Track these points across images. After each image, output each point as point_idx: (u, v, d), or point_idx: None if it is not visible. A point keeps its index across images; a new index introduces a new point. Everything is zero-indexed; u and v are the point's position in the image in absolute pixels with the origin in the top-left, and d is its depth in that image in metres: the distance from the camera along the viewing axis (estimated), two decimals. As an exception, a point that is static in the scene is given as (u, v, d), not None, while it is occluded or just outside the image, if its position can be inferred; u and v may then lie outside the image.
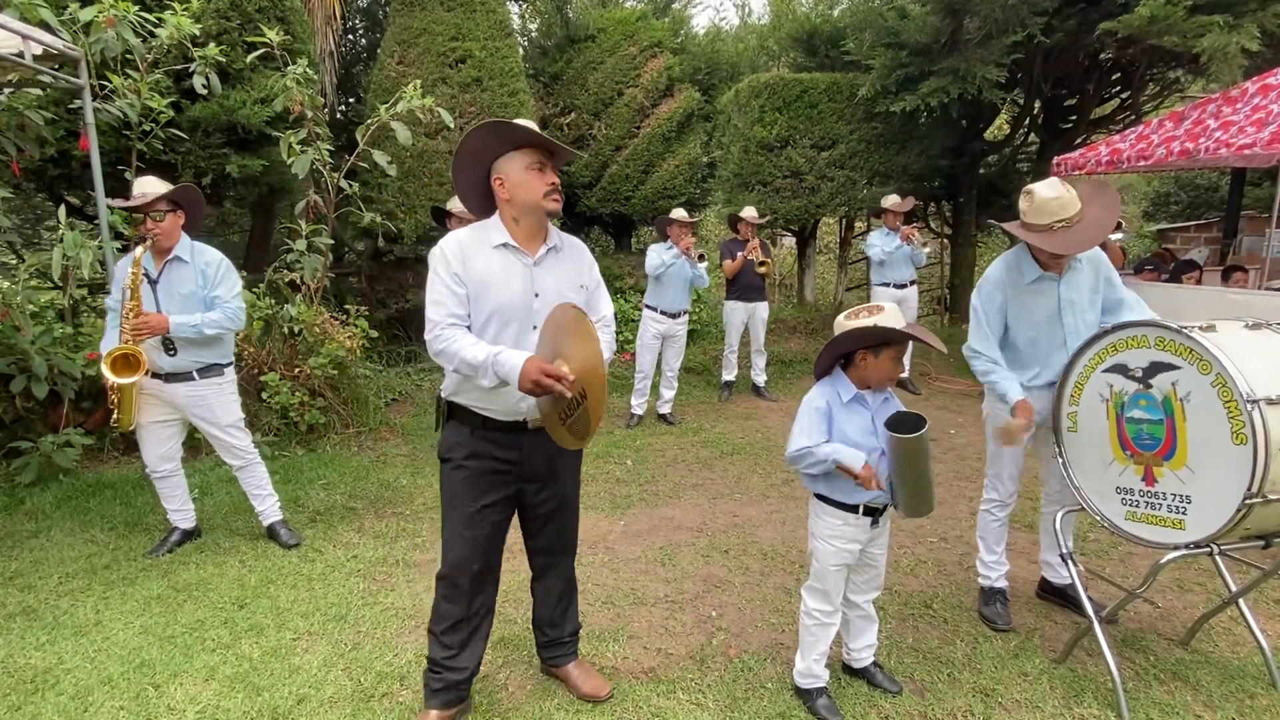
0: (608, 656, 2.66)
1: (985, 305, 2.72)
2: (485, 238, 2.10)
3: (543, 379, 1.84)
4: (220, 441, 3.54)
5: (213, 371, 3.43)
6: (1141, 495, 2.38)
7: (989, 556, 2.91)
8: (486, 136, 2.04)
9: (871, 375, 2.18)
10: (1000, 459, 2.86)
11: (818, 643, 2.33)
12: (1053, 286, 2.65)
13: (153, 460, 3.49)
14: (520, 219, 2.11)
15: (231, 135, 5.11)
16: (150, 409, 3.41)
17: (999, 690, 2.45)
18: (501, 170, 2.07)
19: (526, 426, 2.15)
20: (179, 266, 3.33)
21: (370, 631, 2.84)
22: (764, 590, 3.17)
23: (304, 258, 4.80)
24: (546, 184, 2.07)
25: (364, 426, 5.54)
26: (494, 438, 2.15)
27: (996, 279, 2.70)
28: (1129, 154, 6.19)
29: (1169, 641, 2.75)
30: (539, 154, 2.08)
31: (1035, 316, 2.67)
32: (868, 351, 2.17)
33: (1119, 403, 2.45)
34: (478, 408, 2.13)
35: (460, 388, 2.13)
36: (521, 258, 2.10)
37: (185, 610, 3.00)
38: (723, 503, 4.22)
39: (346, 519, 3.96)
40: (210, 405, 3.43)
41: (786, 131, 7.46)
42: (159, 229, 3.23)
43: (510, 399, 2.09)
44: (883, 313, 2.14)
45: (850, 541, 2.23)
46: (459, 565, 2.18)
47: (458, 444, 2.17)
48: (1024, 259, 2.68)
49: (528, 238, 2.12)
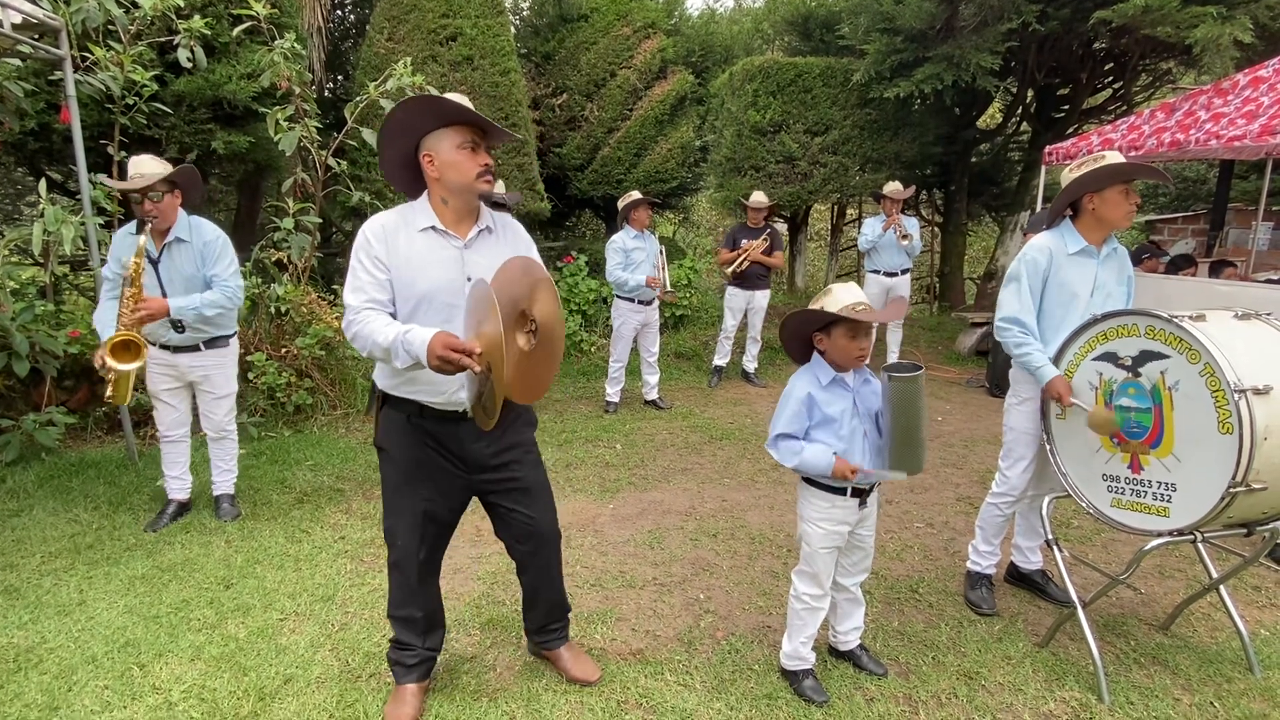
0: (596, 638, 2.67)
1: (1030, 270, 2.65)
2: (410, 220, 1.99)
3: (449, 354, 1.73)
4: (211, 411, 3.57)
5: (219, 343, 3.49)
6: (1128, 483, 2.40)
7: (984, 547, 2.93)
8: (415, 111, 1.91)
9: (833, 356, 2.19)
10: (1016, 452, 2.81)
11: (806, 626, 2.34)
12: (1092, 264, 2.64)
13: (166, 425, 3.55)
14: (449, 200, 2.00)
15: (217, 111, 5.02)
16: (159, 379, 3.47)
17: (982, 673, 2.48)
18: (430, 147, 1.96)
19: (465, 416, 2.07)
20: (180, 247, 3.32)
21: (358, 612, 2.83)
22: (752, 573, 3.19)
23: (291, 236, 4.74)
24: (479, 165, 1.97)
25: (351, 408, 5.50)
26: (431, 428, 2.07)
27: (1041, 245, 2.66)
28: (1120, 144, 6.19)
29: (1149, 626, 2.79)
30: (471, 132, 1.97)
31: (1068, 291, 2.63)
32: (820, 334, 2.18)
33: (1108, 391, 2.46)
34: (413, 395, 2.04)
35: (393, 376, 2.05)
36: (450, 240, 2.00)
37: (170, 590, 2.98)
38: (711, 487, 4.23)
39: (334, 500, 3.94)
40: (212, 376, 3.50)
41: (780, 116, 7.43)
42: (157, 210, 3.19)
43: (444, 385, 2.01)
44: (830, 294, 2.15)
45: (839, 524, 2.24)
46: (405, 553, 2.16)
47: (392, 432, 2.10)
48: (1068, 232, 2.67)
49: (457, 220, 2.02)
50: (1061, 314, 2.64)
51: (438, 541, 2.23)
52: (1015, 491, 2.82)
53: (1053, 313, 2.66)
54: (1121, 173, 2.54)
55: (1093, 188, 2.60)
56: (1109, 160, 2.53)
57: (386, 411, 2.12)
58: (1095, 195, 2.61)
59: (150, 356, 3.31)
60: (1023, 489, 2.84)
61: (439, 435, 2.09)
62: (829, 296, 2.12)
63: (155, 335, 3.33)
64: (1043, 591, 2.98)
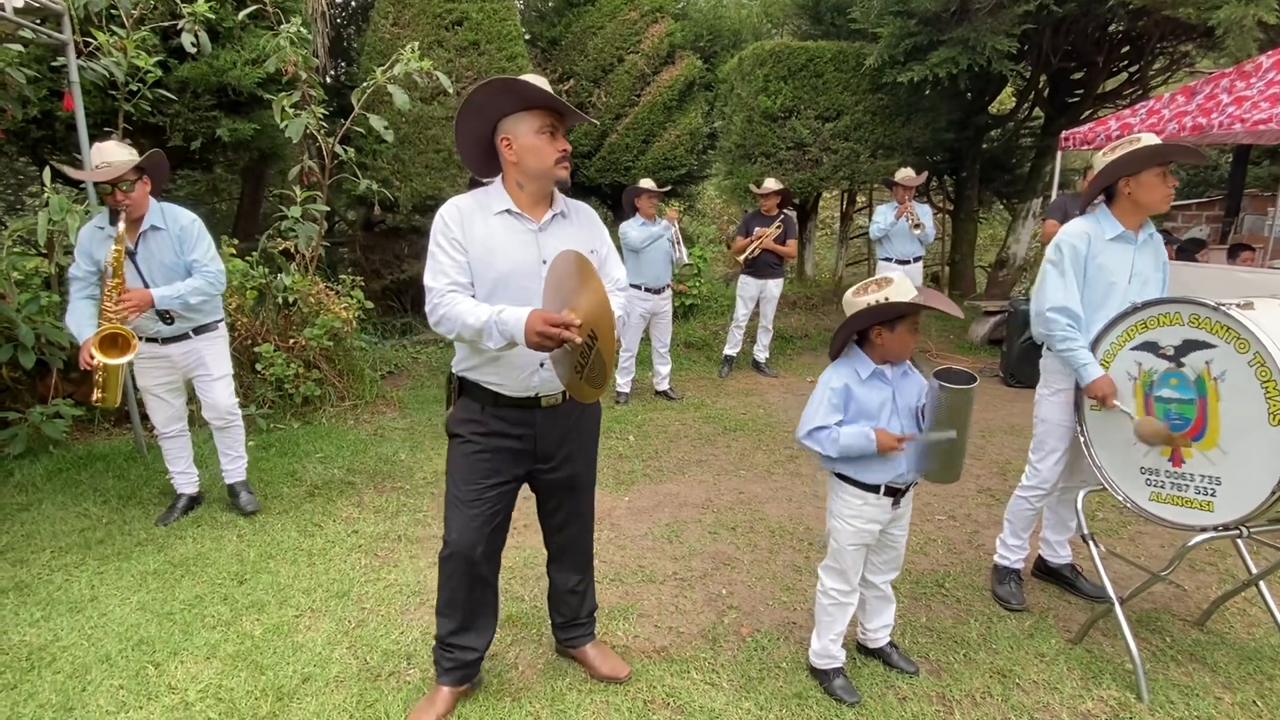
0: (618, 635, 2.62)
1: (1071, 254, 2.54)
2: (486, 204, 1.99)
3: (548, 329, 1.72)
4: (210, 397, 3.49)
5: (208, 329, 3.42)
6: (1167, 476, 2.33)
7: (1013, 540, 2.86)
8: (496, 93, 1.90)
9: (889, 350, 2.11)
10: (1048, 444, 2.73)
11: (834, 623, 2.28)
12: (1129, 250, 2.55)
13: (162, 421, 3.48)
14: (525, 185, 1.99)
15: (222, 97, 4.93)
16: (151, 373, 3.38)
17: (1016, 671, 2.42)
18: (509, 130, 1.94)
19: (539, 403, 2.07)
20: (157, 235, 3.23)
21: (374, 609, 2.78)
22: (773, 568, 3.13)
23: (299, 225, 4.66)
24: (557, 150, 1.96)
25: (360, 399, 5.45)
26: (505, 415, 2.06)
27: (1079, 231, 2.57)
28: (1139, 128, 6.09)
29: (1184, 622, 2.72)
30: (550, 117, 1.95)
31: (1106, 279, 2.54)
32: (882, 327, 2.09)
33: (1147, 381, 2.39)
34: (489, 383, 2.04)
35: (471, 361, 2.05)
36: (526, 223, 1.99)
37: (183, 586, 2.92)
38: (727, 479, 4.17)
39: (345, 493, 3.89)
40: (204, 359, 3.42)
41: (791, 102, 7.31)
42: (130, 200, 3.09)
43: (522, 373, 2.00)
44: (891, 285, 2.06)
45: (870, 522, 2.17)
46: (463, 546, 2.10)
47: (468, 420, 2.09)
48: (1104, 217, 2.58)
49: (532, 204, 2.02)
50: (1099, 302, 2.56)
51: (498, 535, 2.17)
52: (1047, 485, 2.75)
53: (1090, 301, 2.57)
54: (1159, 154, 2.46)
55: (1128, 171, 2.52)
56: (1145, 142, 2.44)
57: (463, 401, 2.10)
58: (1131, 179, 2.53)
59: (139, 352, 3.20)
60: (1054, 482, 2.77)
61: (514, 422, 2.06)
62: (892, 287, 2.03)
63: (143, 329, 3.24)
64: (1072, 586, 2.92)
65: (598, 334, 1.74)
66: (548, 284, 1.89)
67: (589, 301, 1.73)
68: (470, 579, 2.14)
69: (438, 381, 6.12)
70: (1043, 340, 2.66)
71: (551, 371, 2.02)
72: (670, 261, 5.55)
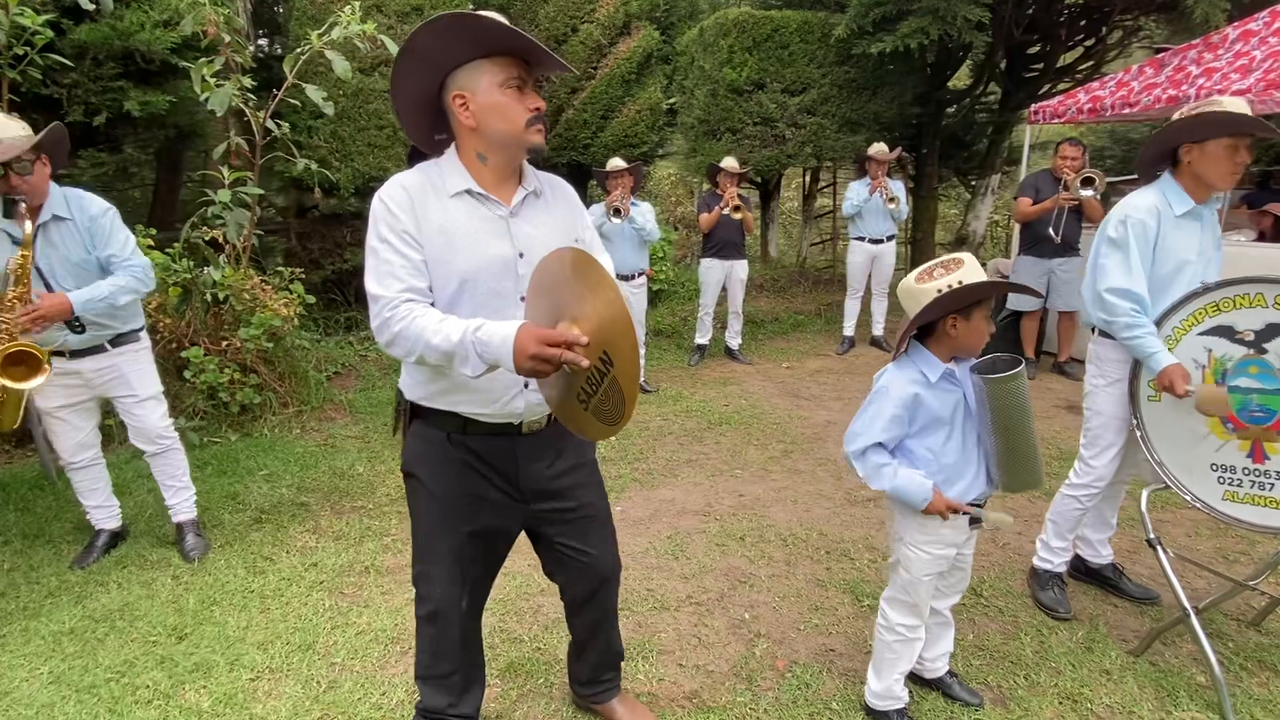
0: (640, 680, 2.27)
1: (1138, 234, 2.27)
2: (439, 183, 1.54)
3: (545, 349, 1.32)
4: (137, 421, 2.95)
5: (128, 339, 2.86)
6: (1246, 474, 2.12)
7: (1057, 543, 2.63)
8: (445, 35, 1.43)
9: (963, 342, 1.81)
10: (1104, 439, 2.48)
11: (899, 660, 2.00)
12: (1196, 227, 2.30)
13: (69, 450, 2.91)
14: (488, 156, 1.55)
15: (129, 65, 4.27)
16: (56, 393, 2.79)
17: (1085, 694, 2.18)
18: (465, 85, 1.50)
19: (520, 429, 1.65)
20: (61, 226, 2.67)
21: (346, 664, 2.35)
22: (794, 583, 2.83)
23: (227, 212, 4.08)
24: (529, 109, 1.51)
25: (305, 405, 4.91)
26: (478, 446, 1.63)
27: (1149, 206, 2.29)
28: (1110, 102, 6.00)
29: (1236, 622, 2.55)
30: (518, 66, 1.50)
31: (1174, 260, 2.29)
32: (957, 316, 1.79)
33: (1219, 369, 2.16)
34: (455, 407, 1.60)
35: (431, 386, 1.60)
36: (492, 207, 1.56)
37: (108, 647, 2.43)
38: (723, 480, 3.86)
39: (298, 517, 3.41)
40: (126, 377, 2.86)
41: (757, 74, 6.98)
42: (28, 185, 2.54)
43: (501, 398, 1.58)
44: (962, 266, 1.76)
45: (948, 546, 1.88)
46: (446, 603, 1.72)
47: (427, 455, 1.65)
48: (1171, 191, 2.30)
49: (498, 181, 1.58)
50: (1166, 285, 2.30)
51: (482, 586, 1.80)
52: (1101, 483, 2.51)
53: (1156, 284, 2.31)
54: (1234, 124, 2.20)
55: (1194, 137, 2.27)
56: (1226, 107, 2.19)
57: (418, 428, 1.66)
58: (1195, 146, 2.28)
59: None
60: (1109, 479, 2.54)
61: (489, 456, 1.64)
62: (964, 269, 1.72)
63: (47, 340, 2.67)
64: (1116, 587, 2.71)
65: (613, 356, 1.34)
66: (533, 288, 1.47)
67: (600, 313, 1.33)
68: (460, 638, 1.77)
69: (390, 382, 5.61)
70: (1100, 326, 2.41)
71: (539, 392, 1.60)
72: (641, 245, 5.18)
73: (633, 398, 1.34)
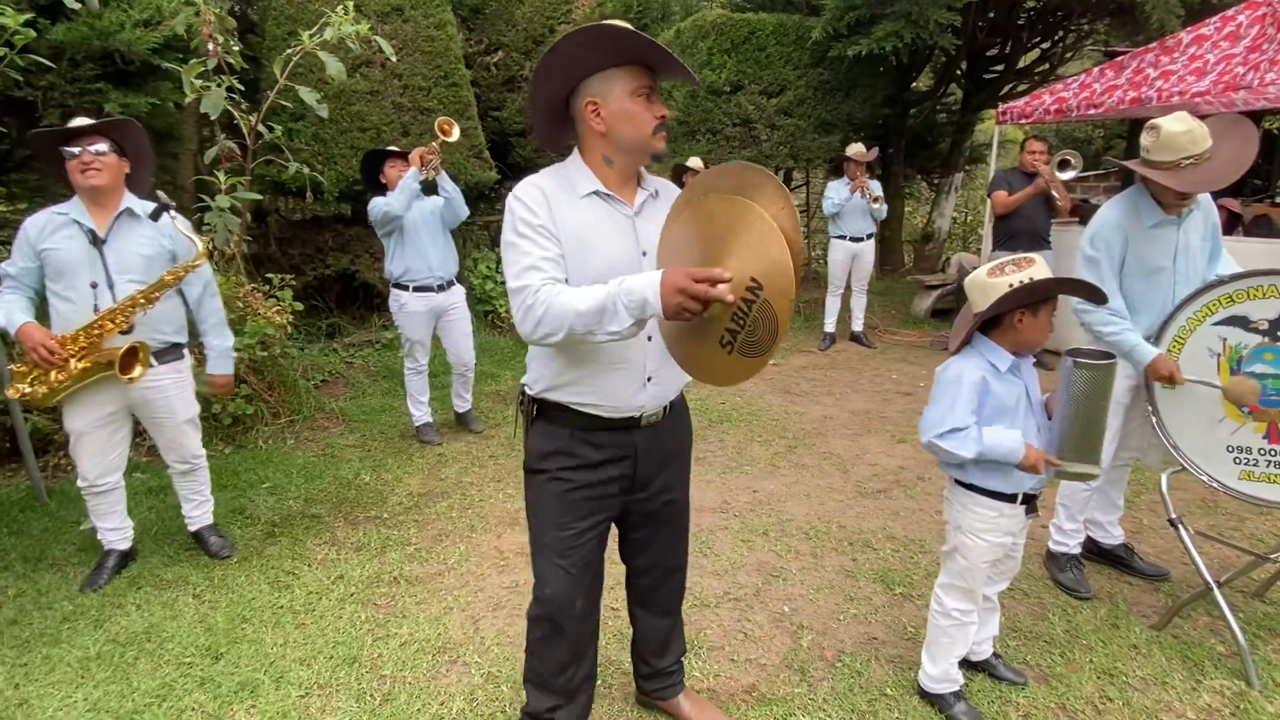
0: (696, 676, 2.30)
1: (1106, 253, 2.46)
2: (569, 184, 1.62)
3: (692, 285, 1.33)
4: (173, 442, 2.92)
5: (173, 355, 2.82)
6: (1263, 454, 2.26)
7: (1069, 525, 2.76)
8: (586, 45, 1.51)
9: (1028, 336, 1.89)
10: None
11: (954, 645, 2.07)
12: (1172, 231, 2.45)
13: (95, 472, 2.79)
14: (614, 160, 1.63)
15: (107, 66, 4.10)
16: (92, 409, 2.69)
17: (1121, 669, 2.30)
18: (598, 92, 1.57)
19: (640, 423, 1.72)
20: (132, 221, 2.68)
21: (397, 675, 2.32)
22: (825, 575, 2.90)
23: (217, 218, 3.96)
24: (655, 117, 1.59)
25: (297, 415, 4.79)
26: (601, 440, 1.70)
27: (1115, 223, 2.45)
28: (1075, 103, 6.27)
29: (1241, 594, 2.71)
30: (647, 75, 1.58)
31: (1149, 265, 2.46)
32: (1025, 311, 1.87)
33: (1235, 357, 2.30)
34: (582, 404, 1.66)
35: (563, 378, 1.66)
36: (619, 207, 1.64)
37: (141, 671, 2.35)
38: (734, 477, 3.91)
39: (313, 530, 3.33)
40: (170, 398, 2.81)
41: (736, 76, 7.06)
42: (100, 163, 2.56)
43: (629, 387, 1.65)
44: (1034, 265, 1.85)
45: (1004, 534, 1.97)
46: (561, 602, 1.75)
47: (554, 452, 1.71)
48: (1142, 201, 2.45)
49: (621, 184, 1.66)
50: (1144, 288, 2.48)
51: (599, 583, 1.83)
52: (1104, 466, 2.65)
53: (1133, 288, 2.50)
54: None
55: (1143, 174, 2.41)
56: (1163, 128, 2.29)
57: (543, 427, 1.71)
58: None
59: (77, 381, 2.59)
60: (1110, 461, 2.68)
61: (611, 448, 1.69)
62: (1035, 267, 1.80)
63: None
64: (1129, 566, 2.86)
65: (763, 281, 1.33)
66: (664, 251, 1.51)
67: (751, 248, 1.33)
68: (573, 641, 1.79)
69: (380, 389, 5.51)
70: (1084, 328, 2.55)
71: (661, 385, 1.68)
72: None
73: (787, 316, 1.32)
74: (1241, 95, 5.28)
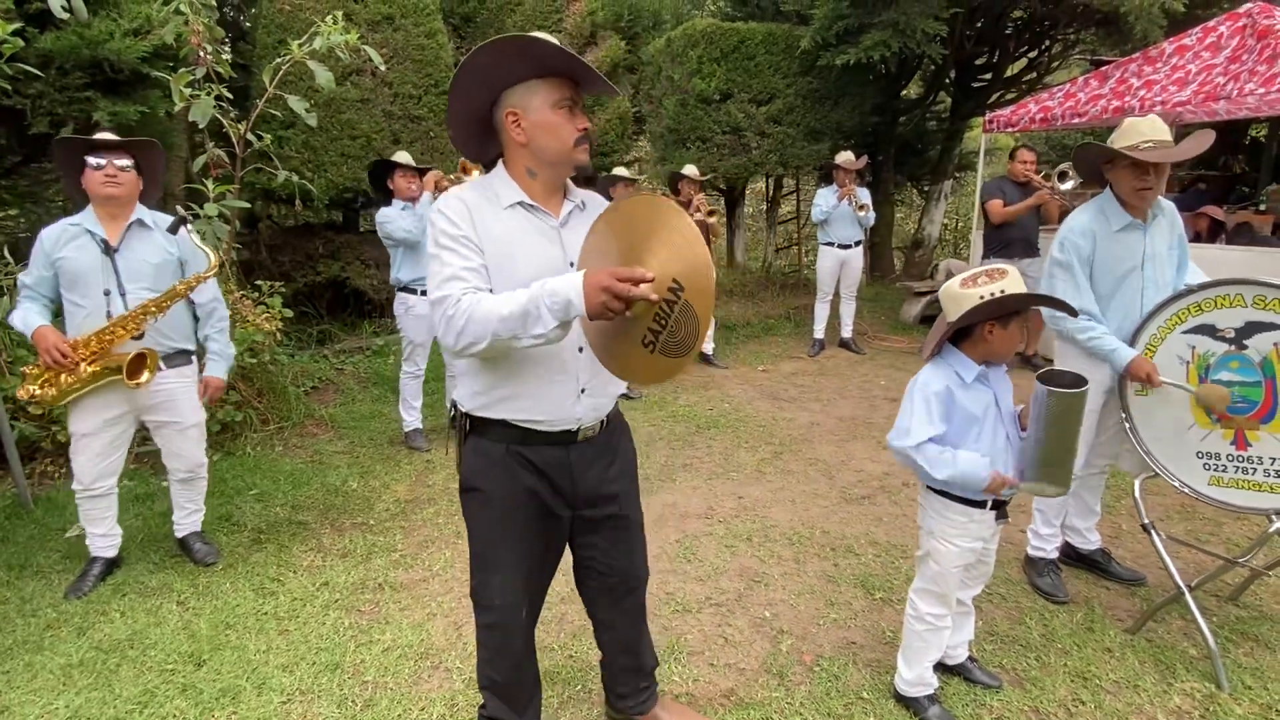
0: (675, 681, 2.33)
1: (1076, 255, 2.51)
2: (493, 196, 1.62)
3: (616, 284, 1.33)
4: (183, 448, 2.94)
5: (181, 360, 2.87)
6: (1231, 460, 2.30)
7: (1046, 530, 2.80)
8: (505, 54, 1.50)
9: (997, 348, 1.93)
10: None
11: (929, 649, 2.10)
12: (1139, 236, 2.50)
13: (91, 476, 2.81)
14: (537, 171, 1.62)
15: (96, 74, 4.13)
16: (96, 411, 2.73)
17: (1094, 672, 2.33)
18: (518, 103, 1.57)
19: (576, 437, 1.71)
20: (143, 232, 2.76)
21: (379, 681, 2.34)
22: (807, 580, 2.93)
23: (207, 226, 3.98)
24: (577, 129, 1.59)
25: (285, 422, 4.81)
26: (536, 455, 1.68)
27: (1083, 227, 2.51)
28: (1060, 111, 6.35)
29: (1215, 599, 2.74)
30: (569, 88, 1.58)
31: (1117, 269, 2.50)
32: (995, 323, 1.91)
33: (1202, 365, 2.34)
34: (517, 419, 1.65)
35: (496, 392, 1.64)
36: (544, 218, 1.64)
37: (123, 678, 2.36)
38: (720, 483, 3.94)
39: (299, 536, 3.35)
40: (177, 403, 2.86)
41: (725, 84, 7.12)
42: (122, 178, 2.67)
43: (565, 399, 1.64)
44: (1006, 277, 1.89)
45: (975, 540, 2.00)
46: (506, 613, 1.75)
47: (487, 469, 1.69)
48: (1109, 206, 2.51)
49: (546, 195, 1.65)
50: (1113, 290, 2.54)
51: (540, 596, 1.85)
52: (1079, 471, 2.70)
53: (1104, 291, 2.55)
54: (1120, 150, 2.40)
55: (1104, 158, 2.47)
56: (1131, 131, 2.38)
57: (476, 442, 1.70)
58: (1108, 166, 2.49)
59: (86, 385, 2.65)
60: (1083, 467, 2.73)
61: (547, 466, 1.69)
62: (1008, 279, 1.83)
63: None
64: (1105, 571, 2.89)
65: (683, 282, 1.34)
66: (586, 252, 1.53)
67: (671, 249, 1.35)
68: (522, 648, 1.82)
69: (371, 395, 5.53)
70: (1060, 334, 2.60)
71: (595, 397, 1.68)
72: None
73: (707, 315, 1.34)
74: (1222, 105, 5.36)
